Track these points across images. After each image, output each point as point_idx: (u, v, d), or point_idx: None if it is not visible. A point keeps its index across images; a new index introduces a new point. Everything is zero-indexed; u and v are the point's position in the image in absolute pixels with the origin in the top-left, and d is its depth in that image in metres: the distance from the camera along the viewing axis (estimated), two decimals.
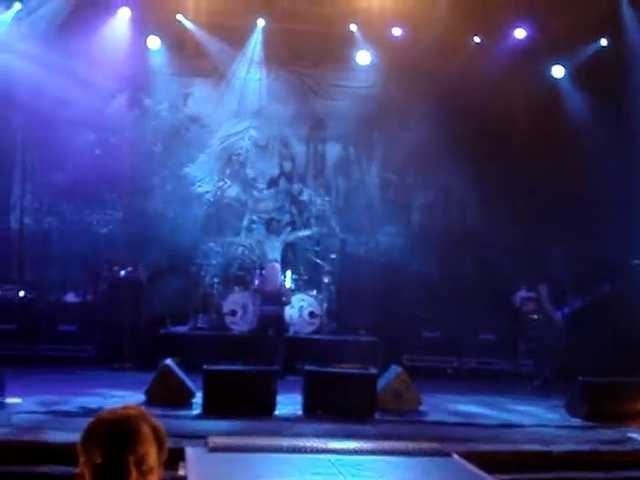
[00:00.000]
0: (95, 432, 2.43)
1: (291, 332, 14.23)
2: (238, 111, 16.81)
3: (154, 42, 15.83)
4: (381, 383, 10.35)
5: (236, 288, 14.90)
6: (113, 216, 16.21)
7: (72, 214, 16.04)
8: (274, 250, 15.71)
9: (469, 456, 7.71)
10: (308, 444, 7.87)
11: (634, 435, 9.20)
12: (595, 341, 12.91)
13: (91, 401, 9.82)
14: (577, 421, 10.06)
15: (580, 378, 10.57)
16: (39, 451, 7.45)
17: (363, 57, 16.35)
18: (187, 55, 16.42)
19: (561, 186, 15.34)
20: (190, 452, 7.32)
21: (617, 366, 11.46)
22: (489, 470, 7.26)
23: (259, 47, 16.29)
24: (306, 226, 16.83)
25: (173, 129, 16.66)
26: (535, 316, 14.92)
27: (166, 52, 16.14)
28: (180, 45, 16.16)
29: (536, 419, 10.30)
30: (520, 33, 15.75)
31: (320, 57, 16.74)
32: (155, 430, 2.49)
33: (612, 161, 14.57)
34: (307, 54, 16.69)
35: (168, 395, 9.99)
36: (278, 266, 13.98)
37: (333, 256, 16.10)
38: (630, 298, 13.07)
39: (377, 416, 9.86)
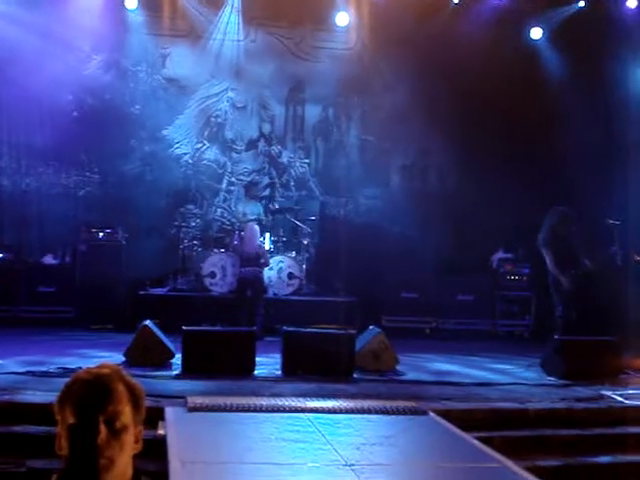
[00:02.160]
0: (69, 392, 2.45)
1: (270, 293, 14.27)
2: (216, 72, 16.74)
3: (131, 2, 15.66)
4: (360, 343, 10.41)
5: (215, 250, 14.90)
6: (91, 178, 16.14)
7: (50, 176, 15.95)
8: (253, 212, 15.71)
9: (445, 414, 7.81)
10: (287, 403, 7.95)
11: (608, 393, 9.32)
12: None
13: (70, 362, 9.82)
14: (553, 379, 10.17)
15: (555, 337, 10.68)
16: (17, 411, 7.48)
17: (342, 18, 16.29)
18: (165, 15, 16.24)
19: (540, 148, 15.39)
20: (169, 412, 7.38)
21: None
22: (465, 428, 7.37)
23: (237, 8, 16.17)
24: (286, 188, 16.83)
25: (151, 90, 16.56)
26: (512, 277, 15.08)
27: (143, 12, 15.99)
28: (157, 5, 15.99)
29: (512, 378, 10.40)
30: None
31: (299, 18, 16.65)
32: (131, 388, 2.50)
33: (590, 122, 14.62)
34: (286, 15, 16.58)
35: (147, 356, 10.01)
36: (257, 227, 13.99)
37: (312, 218, 16.14)
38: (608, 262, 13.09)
39: (355, 376, 9.92)
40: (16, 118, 15.71)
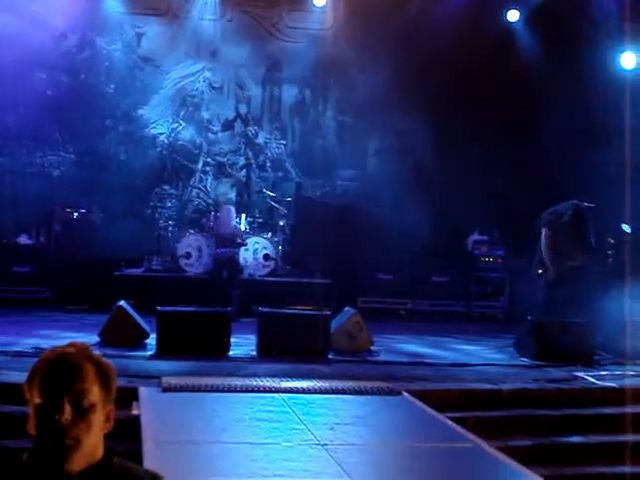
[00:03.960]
0: (36, 371, 2.44)
1: (246, 274, 14.25)
2: (192, 52, 16.66)
3: None
4: (335, 324, 10.44)
5: (191, 230, 14.85)
6: (65, 158, 16.05)
7: (24, 156, 15.85)
8: (228, 193, 15.67)
9: (419, 395, 7.86)
10: (261, 384, 7.97)
11: (581, 374, 9.40)
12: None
13: (44, 342, 9.77)
14: (526, 360, 10.24)
15: (529, 317, 10.75)
16: None
17: None
18: None
19: (516, 131, 15.42)
20: (144, 392, 7.37)
21: None
22: (439, 408, 7.42)
23: None
24: (262, 169, 16.80)
25: (126, 69, 16.48)
26: (487, 259, 15.16)
27: None
28: None
29: (486, 359, 10.47)
30: None
31: None
32: (99, 367, 2.47)
33: (568, 106, 14.65)
34: None
35: (122, 336, 9.99)
36: (232, 209, 13.96)
37: (289, 199, 16.13)
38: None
39: (330, 356, 9.96)
40: None
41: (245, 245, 13.94)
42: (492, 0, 15.80)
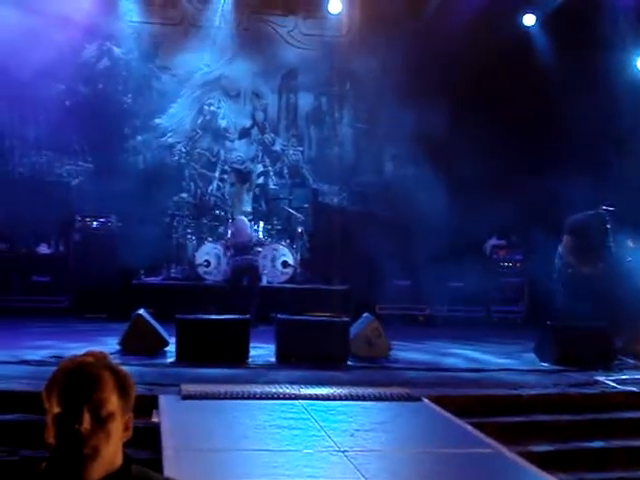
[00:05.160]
0: (54, 381, 2.44)
1: (264, 282, 14.27)
2: (209, 61, 16.71)
3: None
4: (353, 331, 10.44)
5: (209, 239, 14.90)
6: (84, 167, 16.13)
7: (43, 165, 15.95)
8: (246, 201, 15.71)
9: (439, 400, 7.84)
10: (281, 391, 7.97)
11: (602, 378, 9.35)
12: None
13: (64, 351, 9.80)
14: (546, 365, 10.21)
15: (549, 322, 10.70)
16: (10, 400, 7.49)
17: (334, 6, 16.26)
18: (157, 4, 16.25)
19: (532, 136, 15.39)
20: (163, 400, 7.39)
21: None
22: (459, 414, 7.40)
23: None
24: (279, 176, 16.82)
25: (144, 79, 16.55)
26: (505, 263, 15.11)
27: (136, 1, 15.95)
28: None
29: (505, 364, 10.44)
30: None
31: (291, 6, 16.67)
32: (117, 376, 2.48)
33: (584, 110, 14.59)
34: (278, 3, 16.62)
35: (142, 344, 10.02)
36: (245, 219, 14.01)
37: (306, 206, 16.14)
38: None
39: (349, 363, 9.95)
40: (9, 108, 15.66)
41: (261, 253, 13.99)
42: (508, 4, 15.75)
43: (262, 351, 10.39)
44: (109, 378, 2.45)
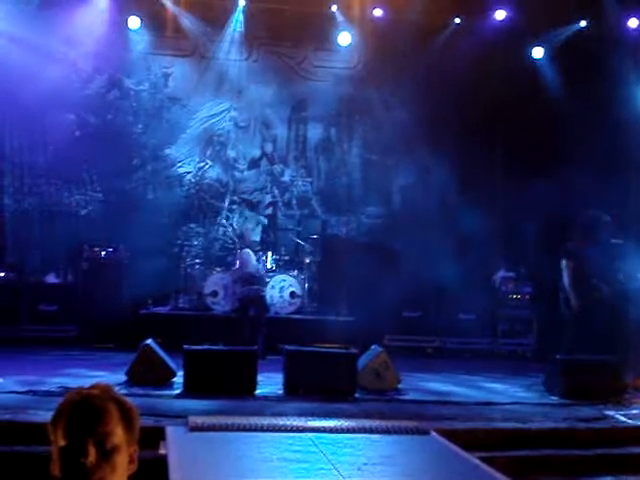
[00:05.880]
0: (60, 413, 2.45)
1: (272, 312, 14.24)
2: (219, 92, 16.81)
3: (134, 22, 15.78)
4: (361, 362, 10.39)
5: (217, 269, 14.91)
6: (93, 197, 16.18)
7: (52, 195, 16.00)
8: (255, 231, 15.72)
9: (447, 434, 7.77)
10: (289, 423, 7.91)
11: (611, 413, 9.29)
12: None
13: (72, 381, 9.80)
14: (555, 399, 10.14)
15: (557, 356, 10.64)
16: (17, 431, 7.45)
17: (344, 38, 16.37)
18: (167, 35, 16.37)
19: (542, 167, 15.38)
20: (170, 431, 7.35)
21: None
22: (467, 447, 7.34)
23: (240, 27, 16.27)
24: (288, 207, 16.84)
25: (154, 109, 16.64)
26: (514, 296, 15.06)
27: (146, 32, 16.10)
28: (160, 25, 16.11)
29: (514, 397, 10.37)
30: (500, 14, 15.80)
31: (301, 38, 16.74)
32: (122, 408, 2.49)
33: (592, 142, 14.62)
34: (288, 34, 16.67)
35: (149, 375, 9.99)
36: (250, 252, 14.01)
37: (314, 236, 16.15)
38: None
39: (357, 395, 9.89)
40: (19, 137, 15.77)
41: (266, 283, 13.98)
42: (517, 37, 15.83)
43: (270, 382, 10.34)
44: (114, 411, 2.46)
